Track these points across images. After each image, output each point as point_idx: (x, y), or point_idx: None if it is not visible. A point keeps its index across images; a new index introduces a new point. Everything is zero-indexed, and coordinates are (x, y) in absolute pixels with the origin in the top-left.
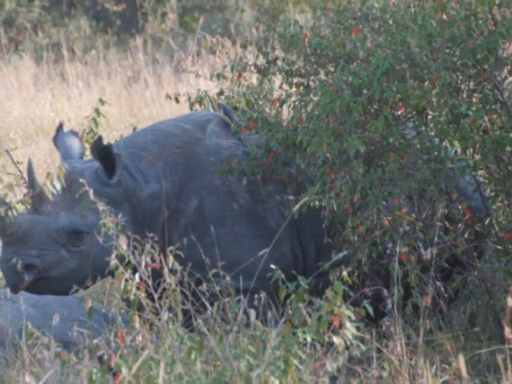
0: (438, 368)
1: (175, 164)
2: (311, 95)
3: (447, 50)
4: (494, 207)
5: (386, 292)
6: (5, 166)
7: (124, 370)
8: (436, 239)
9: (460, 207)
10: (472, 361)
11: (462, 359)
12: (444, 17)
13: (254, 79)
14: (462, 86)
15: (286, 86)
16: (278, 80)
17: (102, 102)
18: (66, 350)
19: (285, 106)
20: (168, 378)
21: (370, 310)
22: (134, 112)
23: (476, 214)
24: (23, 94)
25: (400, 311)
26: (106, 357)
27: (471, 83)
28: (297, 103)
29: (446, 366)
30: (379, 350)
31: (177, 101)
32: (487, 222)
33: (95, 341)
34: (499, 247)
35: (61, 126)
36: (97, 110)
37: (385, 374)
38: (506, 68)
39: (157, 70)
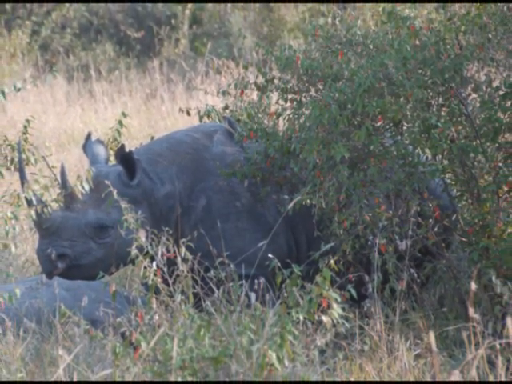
0: (411, 343)
1: (186, 168)
2: (303, 109)
3: (420, 71)
4: (459, 205)
5: (367, 278)
6: (41, 169)
7: (143, 345)
8: (410, 232)
9: (430, 205)
10: (441, 336)
11: (432, 335)
12: (417, 42)
13: (254, 95)
14: (433, 102)
15: (281, 102)
16: (274, 96)
17: (124, 115)
18: (94, 328)
19: (281, 119)
20: (180, 351)
21: (354, 293)
22: (151, 124)
23: (444, 211)
24: (57, 108)
25: (379, 294)
26: (127, 333)
27: (440, 99)
28: (291, 116)
29: (419, 341)
30: (361, 328)
31: (188, 114)
32: (454, 217)
33: (118, 319)
34: (464, 239)
35: (89, 136)
36: (120, 122)
37: (366, 348)
38: (469, 86)
39: (171, 87)
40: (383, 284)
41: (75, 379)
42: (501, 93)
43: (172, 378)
